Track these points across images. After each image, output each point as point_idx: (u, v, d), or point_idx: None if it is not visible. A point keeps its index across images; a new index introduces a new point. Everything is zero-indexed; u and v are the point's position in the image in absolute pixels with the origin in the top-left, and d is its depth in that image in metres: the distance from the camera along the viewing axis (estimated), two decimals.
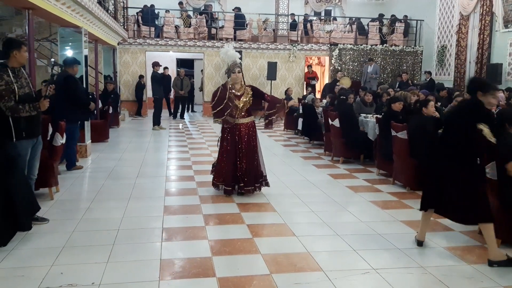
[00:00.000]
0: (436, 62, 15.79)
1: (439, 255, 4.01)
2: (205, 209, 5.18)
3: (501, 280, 3.49)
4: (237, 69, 5.51)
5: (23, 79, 4.28)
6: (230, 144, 5.52)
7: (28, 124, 4.22)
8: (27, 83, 4.32)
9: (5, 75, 4.09)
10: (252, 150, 5.55)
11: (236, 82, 5.54)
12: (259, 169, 5.66)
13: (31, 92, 4.37)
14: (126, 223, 4.64)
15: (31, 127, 4.27)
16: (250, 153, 5.54)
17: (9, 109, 4.07)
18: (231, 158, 5.51)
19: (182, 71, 15.15)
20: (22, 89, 4.19)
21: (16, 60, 4.19)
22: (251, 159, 5.54)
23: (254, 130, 5.64)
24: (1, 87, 4.03)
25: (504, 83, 12.28)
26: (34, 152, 4.49)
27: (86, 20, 8.40)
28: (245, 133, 5.53)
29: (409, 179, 6.16)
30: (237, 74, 5.48)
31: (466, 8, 14.06)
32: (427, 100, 6.43)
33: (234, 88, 5.54)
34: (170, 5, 16.54)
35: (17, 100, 4.11)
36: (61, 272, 3.49)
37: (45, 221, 4.52)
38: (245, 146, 5.50)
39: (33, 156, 4.49)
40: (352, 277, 3.52)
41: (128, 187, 6.07)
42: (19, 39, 4.76)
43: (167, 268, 3.61)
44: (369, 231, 4.58)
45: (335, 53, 16.33)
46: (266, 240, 4.28)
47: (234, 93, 5.50)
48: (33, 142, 4.40)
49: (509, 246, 4.13)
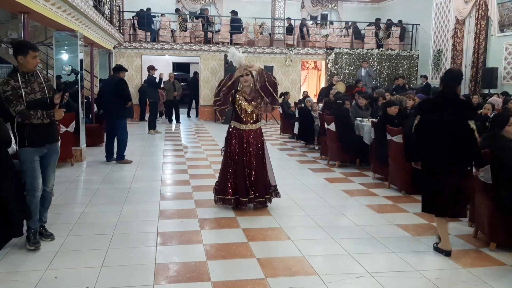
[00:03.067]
0: (432, 66, 15.86)
1: (434, 258, 4.01)
2: (201, 213, 5.16)
3: (496, 284, 3.49)
4: (245, 71, 5.15)
5: (36, 84, 3.98)
6: (238, 153, 5.16)
7: (33, 133, 3.92)
8: (41, 88, 4.00)
9: (12, 80, 3.87)
10: (261, 159, 5.24)
11: (245, 85, 5.21)
12: (267, 179, 5.35)
13: (45, 98, 4.01)
14: (120, 227, 4.62)
15: (36, 135, 3.95)
16: (259, 162, 5.21)
17: (19, 114, 3.82)
18: (240, 167, 5.16)
19: (172, 74, 15.07)
20: (33, 95, 3.90)
21: (23, 65, 3.92)
22: (260, 168, 5.22)
23: (262, 137, 5.33)
24: (7, 93, 3.82)
25: (499, 87, 12.35)
26: (46, 161, 4.13)
27: (82, 24, 8.40)
28: (254, 140, 5.20)
29: (404, 183, 6.17)
30: (246, 77, 5.15)
31: (461, 12, 14.14)
32: None
33: (244, 92, 5.22)
34: (166, 8, 16.56)
35: (26, 106, 3.85)
36: (55, 276, 3.48)
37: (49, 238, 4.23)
38: (254, 155, 5.18)
39: (45, 166, 4.13)
40: (347, 281, 3.51)
41: (123, 191, 6.06)
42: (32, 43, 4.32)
43: (162, 272, 3.60)
44: (364, 234, 4.58)
45: (331, 57, 16.37)
46: (262, 244, 4.27)
47: (244, 97, 5.19)
48: (40, 151, 4.04)
49: (502, 249, 4.14)
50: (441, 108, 4.03)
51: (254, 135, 5.22)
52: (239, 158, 5.17)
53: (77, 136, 8.02)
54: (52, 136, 4.14)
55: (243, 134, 5.19)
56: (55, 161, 4.26)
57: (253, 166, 5.18)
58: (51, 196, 4.35)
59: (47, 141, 4.09)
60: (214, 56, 15.91)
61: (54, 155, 4.21)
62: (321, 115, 9.07)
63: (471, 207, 4.79)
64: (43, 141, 4.05)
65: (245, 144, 5.17)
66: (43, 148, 4.06)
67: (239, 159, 5.17)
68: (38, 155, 4.04)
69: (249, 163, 5.18)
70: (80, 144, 8.11)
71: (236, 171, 5.18)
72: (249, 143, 5.18)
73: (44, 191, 4.15)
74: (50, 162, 4.19)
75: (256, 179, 5.18)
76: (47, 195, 4.25)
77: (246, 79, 5.17)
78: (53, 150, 4.18)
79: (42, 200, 4.17)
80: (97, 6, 9.68)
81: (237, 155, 5.18)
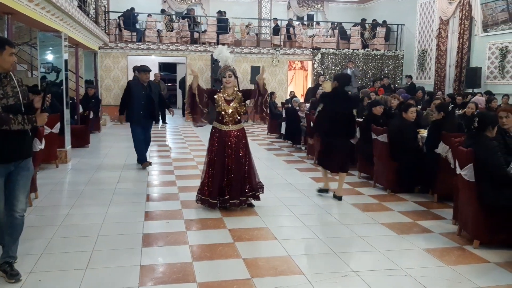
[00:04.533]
0: (417, 66, 16.02)
1: (418, 256, 4.05)
2: (187, 214, 5.15)
3: (479, 281, 3.54)
4: (227, 73, 5.13)
5: (10, 88, 3.28)
6: (218, 153, 5.15)
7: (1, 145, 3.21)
8: (14, 93, 3.30)
9: None
10: (240, 161, 5.17)
11: (227, 86, 5.19)
12: (248, 182, 5.27)
13: (19, 104, 3.31)
14: (106, 229, 4.59)
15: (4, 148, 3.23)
16: (238, 163, 5.15)
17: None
18: (218, 168, 5.14)
19: (157, 74, 15.04)
20: (5, 99, 3.21)
21: None
22: (238, 170, 5.15)
23: (244, 139, 5.26)
24: None
25: (483, 87, 12.52)
26: (13, 180, 3.36)
27: (66, 24, 8.32)
28: (234, 142, 5.15)
29: (389, 182, 6.22)
30: (228, 79, 5.13)
31: (445, 12, 14.30)
32: (408, 105, 6.51)
33: (225, 92, 5.20)
34: (152, 9, 16.48)
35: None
36: (39, 279, 3.44)
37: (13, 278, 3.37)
38: (232, 157, 5.13)
39: (12, 187, 3.36)
40: (333, 280, 3.53)
41: (109, 193, 6.01)
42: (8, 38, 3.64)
43: (147, 274, 3.58)
44: (350, 233, 4.61)
45: (318, 57, 16.45)
46: (248, 244, 4.27)
47: (224, 98, 5.17)
48: (6, 168, 3.30)
49: (486, 247, 4.19)
50: (335, 100, 5.75)
51: (236, 137, 5.19)
52: (218, 159, 5.16)
53: (62, 138, 7.94)
54: (24, 151, 3.40)
55: (224, 135, 5.17)
56: (26, 179, 3.46)
57: (231, 168, 5.15)
58: (21, 224, 3.46)
59: (17, 157, 3.34)
60: (201, 57, 15.88)
61: (24, 172, 3.42)
62: (307, 115, 9.10)
63: (455, 205, 4.85)
64: (11, 157, 3.30)
65: (225, 145, 5.15)
66: (9, 165, 3.32)
67: (218, 160, 5.15)
68: (4, 173, 3.31)
69: (227, 165, 5.16)
70: (65, 145, 8.03)
71: (214, 171, 5.17)
72: (228, 145, 5.15)
73: (10, 217, 3.37)
74: (19, 180, 3.38)
75: (232, 181, 5.15)
76: (16, 222, 3.39)
77: (229, 81, 5.15)
78: (22, 167, 3.40)
79: (9, 228, 3.40)
80: (82, 7, 9.60)
81: (216, 155, 5.17)
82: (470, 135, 4.52)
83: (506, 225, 4.12)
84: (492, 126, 4.31)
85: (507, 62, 12.19)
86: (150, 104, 7.55)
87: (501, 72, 12.31)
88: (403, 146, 6.08)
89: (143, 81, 7.49)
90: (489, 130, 4.30)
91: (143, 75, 7.49)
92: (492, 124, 4.31)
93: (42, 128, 5.62)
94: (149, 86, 7.58)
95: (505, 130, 4.69)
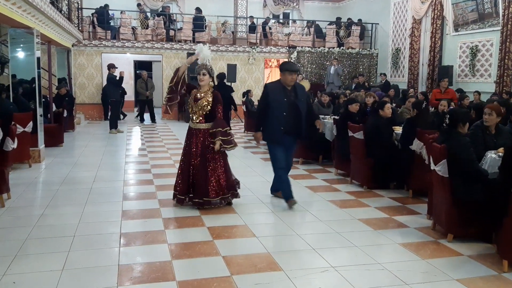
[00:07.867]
0: (391, 65, 16.26)
1: (395, 251, 4.13)
2: (165, 213, 5.11)
3: (453, 274, 3.62)
4: (202, 71, 5.15)
5: None
6: (186, 151, 5.24)
7: None
8: None
9: None
10: (204, 160, 5.12)
11: (201, 84, 5.19)
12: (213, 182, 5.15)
13: None
14: (82, 229, 4.52)
15: None
16: (202, 163, 5.12)
17: None
18: (185, 165, 5.22)
19: (144, 73, 14.92)
20: None
21: None
22: (202, 169, 5.11)
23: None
24: None
25: (455, 84, 12.79)
26: None
27: (38, 20, 8.13)
28: (200, 140, 5.17)
29: (366, 179, 6.31)
30: (202, 77, 5.14)
31: (418, 12, 14.55)
32: (384, 102, 6.62)
33: (199, 91, 5.21)
34: (127, 6, 16.25)
35: None
36: (14, 281, 3.36)
37: None
38: (197, 155, 5.16)
39: None
40: (312, 275, 3.56)
41: (84, 192, 5.92)
42: None
43: (126, 273, 3.54)
44: (327, 229, 4.66)
45: (294, 55, 16.52)
46: (227, 242, 4.27)
47: (195, 95, 5.19)
48: None
49: (459, 241, 4.30)
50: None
51: (203, 135, 5.19)
52: (185, 156, 5.25)
53: (35, 136, 7.77)
54: None
55: (192, 132, 5.25)
56: None
57: (196, 166, 5.18)
58: None
59: None
60: (177, 54, 15.75)
61: None
62: None
63: (429, 201, 4.96)
64: None
65: (191, 143, 5.22)
66: None
67: (186, 157, 5.25)
68: None
69: (193, 163, 5.21)
70: (38, 144, 7.86)
71: (183, 168, 5.26)
72: (195, 143, 5.20)
73: None
74: None
75: (196, 179, 5.18)
76: None
77: (202, 79, 5.18)
78: None
79: None
80: (54, 3, 9.40)
81: (185, 153, 5.27)
82: (442, 131, 4.62)
83: (478, 219, 4.23)
84: (462, 122, 4.41)
85: (477, 61, 12.50)
86: (297, 115, 5.38)
87: (472, 70, 12.62)
88: (379, 143, 6.18)
89: (286, 84, 5.38)
90: (460, 127, 4.40)
91: (287, 76, 5.34)
92: (462, 121, 4.41)
93: (15, 127, 5.49)
94: (294, 91, 5.42)
95: (486, 127, 4.81)
